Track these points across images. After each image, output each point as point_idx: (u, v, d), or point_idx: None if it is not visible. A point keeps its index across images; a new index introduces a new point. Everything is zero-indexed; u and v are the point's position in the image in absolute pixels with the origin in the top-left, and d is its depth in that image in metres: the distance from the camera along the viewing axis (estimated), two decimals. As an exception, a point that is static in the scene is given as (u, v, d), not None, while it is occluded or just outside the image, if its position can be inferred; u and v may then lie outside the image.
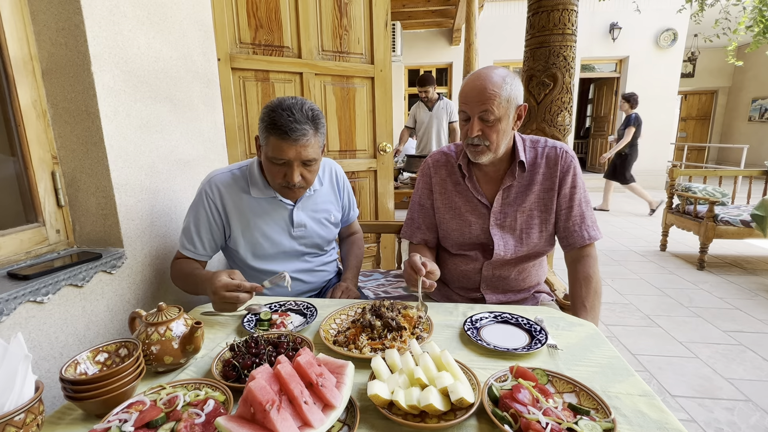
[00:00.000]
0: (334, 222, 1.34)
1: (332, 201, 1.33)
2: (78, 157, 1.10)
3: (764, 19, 4.38)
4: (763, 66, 8.41)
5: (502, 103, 1.03)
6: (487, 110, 1.03)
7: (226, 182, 1.19)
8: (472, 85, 1.06)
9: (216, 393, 0.67)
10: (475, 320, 0.95)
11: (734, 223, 3.25)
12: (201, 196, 1.18)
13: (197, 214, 1.18)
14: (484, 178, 1.19)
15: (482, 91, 1.03)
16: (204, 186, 1.19)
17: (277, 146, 1.05)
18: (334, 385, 0.63)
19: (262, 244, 1.22)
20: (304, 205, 1.25)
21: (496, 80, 1.03)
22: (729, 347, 2.18)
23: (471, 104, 1.05)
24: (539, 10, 1.73)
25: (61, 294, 0.96)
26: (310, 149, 1.07)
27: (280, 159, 1.06)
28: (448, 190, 1.23)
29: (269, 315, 0.98)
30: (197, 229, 1.18)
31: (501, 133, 1.06)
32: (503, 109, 1.04)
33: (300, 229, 1.25)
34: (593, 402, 0.65)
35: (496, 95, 1.02)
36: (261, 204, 1.20)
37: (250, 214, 1.20)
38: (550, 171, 1.14)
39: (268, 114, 1.05)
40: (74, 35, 1.02)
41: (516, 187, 1.15)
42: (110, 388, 0.64)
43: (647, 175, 7.96)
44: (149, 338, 0.77)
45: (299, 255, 1.28)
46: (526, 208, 1.15)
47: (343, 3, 2.03)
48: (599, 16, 7.32)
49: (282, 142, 1.04)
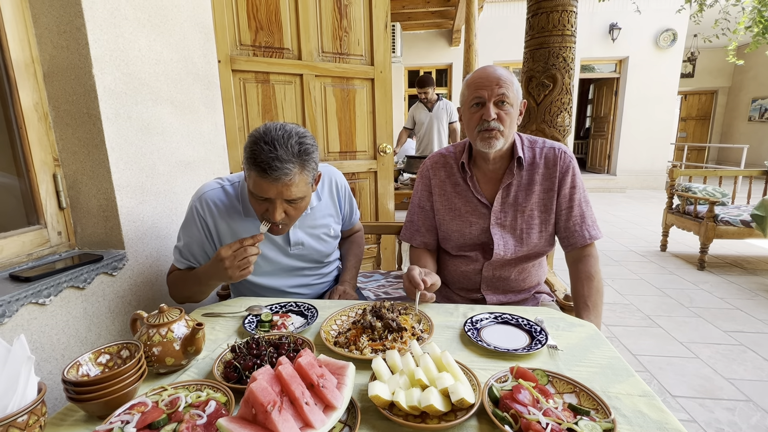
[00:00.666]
0: (334, 235, 1.29)
1: (332, 214, 1.27)
2: (79, 160, 1.10)
3: (763, 20, 4.39)
4: (762, 66, 8.42)
5: (514, 90, 1.10)
6: (504, 94, 1.07)
7: (218, 200, 1.11)
8: (486, 73, 1.10)
9: (217, 394, 0.67)
10: (476, 321, 0.95)
11: (734, 223, 3.25)
12: (192, 215, 1.11)
13: (190, 233, 1.12)
14: (483, 177, 1.19)
15: (499, 77, 1.08)
16: (195, 203, 1.11)
17: (258, 183, 0.95)
18: (335, 386, 0.63)
19: (258, 264, 1.16)
20: (302, 222, 1.19)
21: (505, 71, 1.10)
22: (729, 347, 2.18)
23: (488, 88, 1.08)
24: (539, 12, 1.74)
25: (63, 296, 0.97)
26: (293, 188, 0.96)
27: (260, 196, 0.97)
28: (447, 192, 1.23)
29: (270, 316, 0.98)
30: (189, 247, 1.13)
31: (513, 120, 1.11)
32: (515, 98, 1.10)
33: (297, 247, 1.20)
34: (593, 402, 0.65)
35: (510, 82, 1.09)
36: (255, 223, 1.14)
37: (244, 233, 1.13)
38: (549, 171, 1.14)
39: (250, 146, 0.94)
40: (75, 38, 1.03)
41: (515, 186, 1.16)
42: (112, 389, 0.65)
43: (647, 175, 7.97)
44: (151, 340, 0.78)
45: (298, 270, 1.25)
46: (527, 208, 1.15)
47: (342, 5, 2.03)
48: (599, 16, 7.33)
49: (262, 180, 0.94)
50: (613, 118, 8.16)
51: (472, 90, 1.10)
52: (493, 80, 1.07)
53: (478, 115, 1.09)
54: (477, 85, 1.09)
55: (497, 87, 1.07)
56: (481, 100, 1.08)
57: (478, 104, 1.09)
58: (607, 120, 8.36)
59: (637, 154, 7.95)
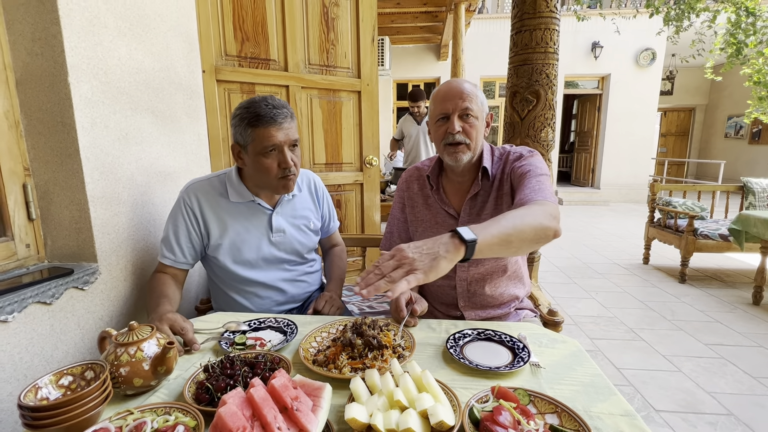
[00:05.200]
0: (314, 229, 1.34)
1: (311, 209, 1.34)
2: (52, 169, 1.06)
3: (736, 42, 4.58)
4: (737, 85, 8.76)
5: (478, 103, 1.10)
6: (468, 107, 1.07)
7: (203, 189, 1.20)
8: (449, 86, 1.10)
9: (187, 418, 0.64)
10: (458, 338, 0.94)
11: (713, 237, 3.33)
12: (179, 204, 1.19)
13: (176, 222, 1.18)
14: (451, 189, 1.20)
15: (462, 91, 1.08)
16: (182, 194, 1.19)
17: (266, 134, 1.08)
18: (310, 408, 0.61)
19: (241, 249, 1.21)
20: (283, 210, 1.26)
21: (469, 85, 1.11)
22: (711, 360, 2.20)
23: (451, 102, 1.08)
24: (522, 29, 1.77)
25: (28, 312, 0.92)
26: (293, 131, 1.14)
27: (271, 146, 1.09)
28: (418, 204, 1.25)
29: (244, 339, 0.94)
30: (176, 237, 1.18)
31: (479, 132, 1.11)
32: (480, 110, 1.10)
33: (279, 234, 1.25)
34: (575, 423, 0.64)
35: (474, 95, 1.09)
36: (239, 208, 1.21)
37: (229, 218, 1.20)
38: (505, 174, 1.14)
39: (247, 110, 1.09)
40: (51, 45, 1.00)
41: (482, 196, 1.16)
42: (73, 414, 0.61)
43: (629, 189, 8.16)
44: (118, 359, 0.74)
45: (280, 262, 1.27)
46: (488, 215, 1.14)
47: (330, 18, 2.05)
48: (582, 35, 7.56)
49: (270, 128, 1.08)
50: (597, 133, 8.36)
51: (437, 104, 1.11)
52: (456, 94, 1.08)
53: (444, 129, 1.10)
54: (441, 99, 1.10)
55: (461, 101, 1.07)
56: (446, 113, 1.09)
57: (443, 118, 1.10)
58: (590, 135, 8.56)
59: (619, 169, 8.14)
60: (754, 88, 5.11)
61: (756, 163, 8.80)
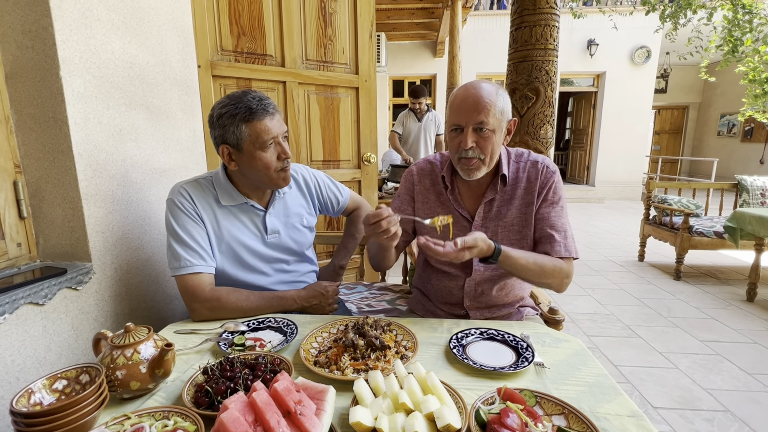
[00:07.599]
0: (308, 226, 1.31)
1: (302, 205, 1.30)
2: (43, 166, 1.03)
3: (733, 39, 4.59)
4: (730, 83, 8.82)
5: (496, 114, 1.01)
6: (483, 121, 1.00)
7: (193, 188, 1.12)
8: (465, 95, 1.03)
9: (186, 423, 0.62)
10: (461, 337, 0.93)
11: (708, 234, 3.35)
12: (175, 207, 1.09)
13: (184, 224, 1.08)
14: (467, 191, 1.17)
15: (477, 102, 1.00)
16: (174, 197, 1.10)
17: (263, 127, 1.07)
18: (313, 412, 0.59)
19: (237, 252, 1.16)
20: (276, 209, 1.22)
21: (490, 91, 1.02)
22: (707, 357, 2.22)
23: (466, 114, 1.02)
24: (522, 25, 1.76)
25: (20, 313, 0.90)
26: (282, 121, 1.14)
27: (269, 139, 1.08)
28: (430, 200, 1.21)
29: (243, 340, 0.92)
30: (195, 239, 1.08)
31: (495, 145, 1.04)
32: (497, 121, 1.02)
33: (274, 235, 1.21)
34: (582, 425, 0.63)
35: (491, 105, 1.01)
36: (232, 211, 1.16)
37: (223, 221, 1.15)
38: (531, 185, 1.12)
39: (235, 107, 1.05)
40: (42, 38, 0.97)
41: (498, 201, 1.14)
42: (68, 420, 0.59)
43: (624, 186, 8.20)
44: (114, 362, 0.72)
45: (278, 263, 1.24)
46: (507, 222, 1.13)
47: (327, 13, 2.02)
48: (578, 32, 7.56)
49: (265, 121, 1.07)
50: (592, 131, 8.39)
51: (452, 113, 1.06)
52: (471, 105, 1.01)
53: (457, 142, 1.05)
54: (456, 110, 1.05)
55: (475, 113, 1.00)
56: (459, 125, 1.04)
57: (456, 129, 1.06)
58: (585, 132, 8.59)
59: (614, 166, 8.18)
60: (749, 86, 5.14)
61: (748, 160, 8.88)
